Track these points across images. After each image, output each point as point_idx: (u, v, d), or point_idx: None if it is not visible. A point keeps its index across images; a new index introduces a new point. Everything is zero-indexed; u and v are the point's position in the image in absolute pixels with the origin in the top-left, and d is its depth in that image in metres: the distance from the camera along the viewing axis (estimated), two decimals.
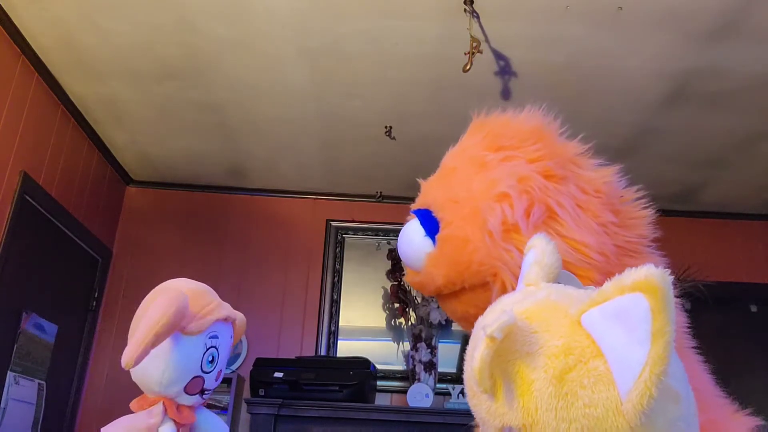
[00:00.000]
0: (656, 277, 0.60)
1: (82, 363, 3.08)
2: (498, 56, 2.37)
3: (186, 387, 1.28)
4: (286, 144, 3.08)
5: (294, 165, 3.29)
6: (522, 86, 2.54)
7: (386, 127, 2.87)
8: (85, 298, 3.14)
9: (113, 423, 1.26)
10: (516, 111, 1.14)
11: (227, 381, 2.94)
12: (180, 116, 2.88)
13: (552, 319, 0.69)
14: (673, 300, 0.61)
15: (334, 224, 3.53)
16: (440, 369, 3.07)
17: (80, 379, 3.07)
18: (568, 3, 2.10)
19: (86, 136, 3.01)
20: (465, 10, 2.10)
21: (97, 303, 3.22)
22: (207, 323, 1.29)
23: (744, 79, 2.46)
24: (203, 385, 1.31)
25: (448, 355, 3.22)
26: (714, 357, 1.15)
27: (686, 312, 1.11)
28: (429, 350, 3.00)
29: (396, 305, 3.26)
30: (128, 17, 2.25)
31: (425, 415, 2.61)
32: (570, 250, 0.95)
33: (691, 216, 3.57)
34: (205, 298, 1.34)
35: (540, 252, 0.81)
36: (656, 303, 0.60)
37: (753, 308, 3.46)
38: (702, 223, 3.58)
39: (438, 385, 3.00)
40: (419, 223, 1.09)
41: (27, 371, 2.56)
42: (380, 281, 3.40)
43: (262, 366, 2.72)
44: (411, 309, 3.19)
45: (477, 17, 2.16)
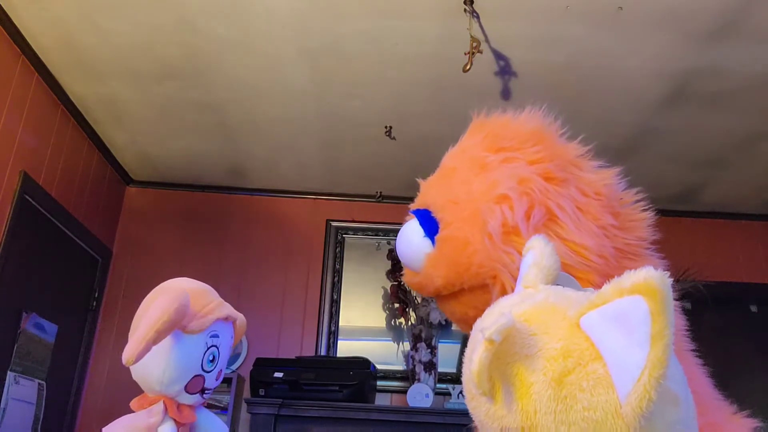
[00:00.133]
0: (655, 280, 0.60)
1: (82, 363, 3.08)
2: (498, 56, 2.37)
3: (186, 386, 1.28)
4: (286, 144, 3.08)
5: (294, 165, 3.29)
6: (522, 86, 2.54)
7: (386, 127, 2.87)
8: (85, 298, 3.14)
9: (114, 422, 1.26)
10: (516, 111, 1.13)
11: (227, 381, 2.94)
12: (180, 116, 2.88)
13: (551, 322, 0.69)
14: (673, 302, 0.60)
15: (334, 224, 3.53)
16: (440, 369, 3.06)
17: (80, 379, 3.07)
18: (568, 3, 2.10)
19: (86, 136, 3.00)
20: (465, 10, 2.10)
21: (97, 303, 3.22)
22: (208, 322, 1.29)
23: (744, 79, 2.46)
24: (204, 384, 1.31)
25: (448, 355, 3.21)
26: (714, 357, 1.15)
27: (687, 312, 1.11)
28: (429, 350, 3.00)
29: (396, 305, 3.26)
30: (128, 17, 2.25)
31: (425, 415, 2.60)
32: (570, 253, 0.95)
33: (691, 216, 3.57)
34: (207, 297, 1.34)
35: (539, 254, 0.81)
36: (655, 305, 0.59)
37: (753, 308, 3.45)
38: (702, 224, 3.58)
39: (438, 385, 3.00)
40: (418, 223, 1.08)
41: (27, 371, 2.56)
42: (380, 281, 3.40)
43: (262, 366, 2.72)
44: (411, 309, 3.18)
45: (477, 17, 2.16)
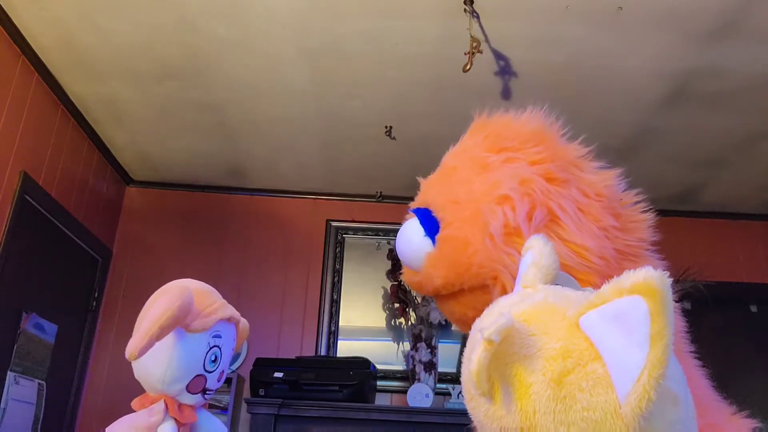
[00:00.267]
0: (655, 280, 0.60)
1: (82, 363, 3.08)
2: (498, 56, 2.37)
3: (188, 386, 1.28)
4: (286, 144, 3.08)
5: (294, 165, 3.29)
6: (522, 86, 2.54)
7: (386, 127, 2.87)
8: (85, 298, 3.14)
9: (116, 422, 1.26)
10: (517, 112, 1.13)
11: (227, 381, 2.94)
12: (180, 116, 2.87)
13: (550, 322, 0.69)
14: (672, 303, 0.60)
15: (334, 224, 3.53)
16: (440, 369, 3.06)
17: (80, 379, 3.07)
18: (568, 3, 2.10)
19: (86, 136, 3.00)
20: (465, 10, 2.10)
21: (97, 303, 3.22)
22: (211, 322, 1.29)
23: (744, 79, 2.46)
24: (205, 385, 1.31)
25: (448, 355, 3.21)
26: (714, 357, 1.15)
27: (687, 312, 1.10)
28: (429, 350, 3.00)
29: (396, 305, 3.26)
30: (128, 17, 2.25)
31: (425, 415, 2.60)
32: (571, 254, 0.95)
33: (691, 216, 3.57)
34: (210, 298, 1.34)
35: (538, 253, 0.80)
36: (655, 306, 0.59)
37: (753, 308, 3.45)
38: (702, 224, 3.58)
39: (438, 385, 3.00)
40: (419, 223, 1.08)
41: (27, 371, 2.56)
42: (380, 281, 3.40)
43: (262, 366, 2.72)
44: (411, 309, 3.18)
45: (477, 17, 2.16)
